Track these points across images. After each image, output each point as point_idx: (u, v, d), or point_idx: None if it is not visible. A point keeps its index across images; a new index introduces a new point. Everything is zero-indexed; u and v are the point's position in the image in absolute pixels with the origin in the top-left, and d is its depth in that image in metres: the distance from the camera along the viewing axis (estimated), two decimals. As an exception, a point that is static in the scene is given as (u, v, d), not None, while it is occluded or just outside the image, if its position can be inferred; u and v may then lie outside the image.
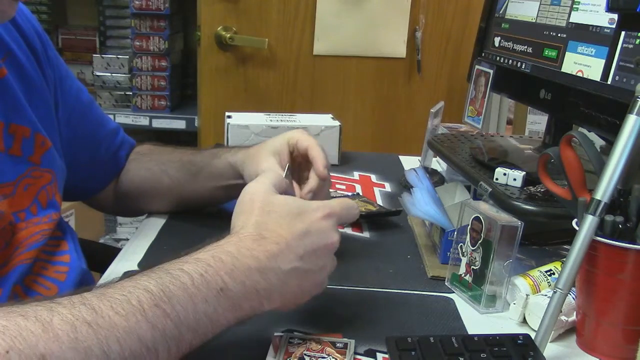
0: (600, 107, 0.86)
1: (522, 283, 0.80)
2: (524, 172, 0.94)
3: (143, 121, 2.32)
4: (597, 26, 0.91)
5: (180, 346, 0.58)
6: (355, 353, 0.69)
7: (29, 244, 0.82)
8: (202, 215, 1.03)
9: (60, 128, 0.94)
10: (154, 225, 1.01)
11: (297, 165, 0.91)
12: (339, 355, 0.67)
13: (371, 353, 0.69)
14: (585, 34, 0.93)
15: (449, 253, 0.87)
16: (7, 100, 0.82)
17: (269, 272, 0.64)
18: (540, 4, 1.05)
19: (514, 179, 0.94)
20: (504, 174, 0.95)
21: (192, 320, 0.58)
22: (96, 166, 1.03)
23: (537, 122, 1.87)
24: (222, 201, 1.04)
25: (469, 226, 0.81)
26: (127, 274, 0.83)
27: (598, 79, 0.88)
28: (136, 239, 0.96)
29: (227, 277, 0.61)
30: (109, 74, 2.36)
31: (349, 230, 1.03)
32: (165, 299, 0.57)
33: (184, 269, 0.60)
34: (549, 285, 0.80)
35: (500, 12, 1.16)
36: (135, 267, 0.86)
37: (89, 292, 0.56)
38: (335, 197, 1.11)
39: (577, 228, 0.70)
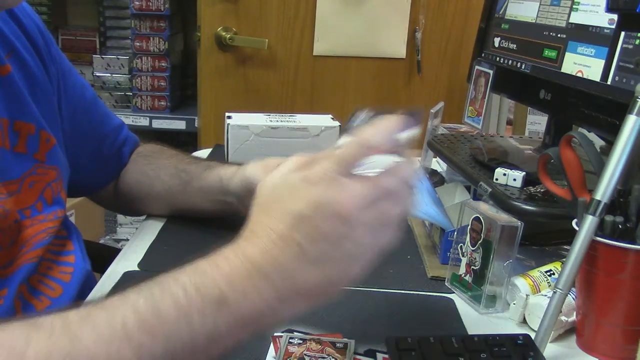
0: (600, 107, 0.86)
1: (522, 283, 0.80)
2: (524, 173, 0.94)
3: (143, 122, 2.32)
4: (597, 26, 0.91)
5: None
6: (355, 353, 0.69)
7: (35, 242, 0.82)
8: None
9: (63, 124, 0.94)
10: (154, 226, 1.01)
11: None
12: (339, 355, 0.67)
13: (371, 353, 0.69)
14: (585, 34, 0.93)
15: (449, 253, 0.87)
16: (12, 97, 0.82)
17: (270, 272, 0.53)
18: (540, 4, 1.05)
19: (514, 179, 0.94)
20: (504, 174, 0.95)
21: (187, 339, 0.51)
22: (99, 163, 1.03)
23: (537, 122, 1.87)
24: (213, 215, 0.98)
25: (469, 226, 0.81)
26: (127, 275, 0.84)
27: (598, 79, 0.88)
28: (136, 239, 0.96)
29: (226, 286, 0.52)
30: (109, 75, 2.36)
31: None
32: (153, 320, 0.50)
33: (178, 280, 0.52)
34: (549, 286, 0.80)
35: (500, 12, 1.16)
36: (135, 267, 0.86)
37: (74, 311, 0.51)
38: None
39: (577, 228, 0.70)
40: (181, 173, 0.99)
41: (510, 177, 0.95)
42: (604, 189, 0.68)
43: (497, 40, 1.16)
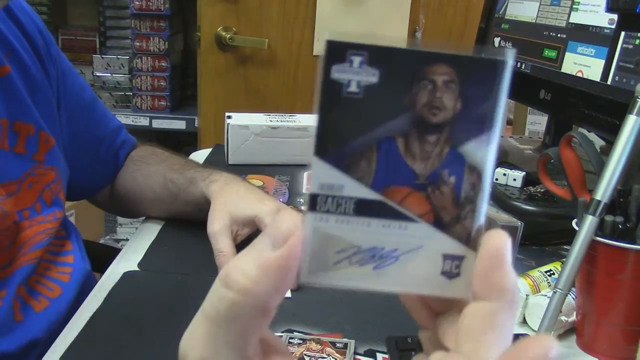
0: (600, 107, 0.86)
1: (522, 283, 0.80)
2: (524, 172, 0.94)
3: (143, 121, 2.32)
4: (597, 26, 0.91)
5: None
6: (355, 353, 0.69)
7: (34, 243, 0.82)
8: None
9: (62, 125, 0.93)
10: (154, 226, 1.00)
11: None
12: (339, 355, 0.67)
13: (371, 353, 0.69)
14: (585, 34, 0.93)
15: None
16: (11, 97, 0.82)
17: None
18: (540, 4, 1.05)
19: (514, 179, 0.94)
20: (504, 174, 0.95)
21: None
22: (96, 165, 1.03)
23: (537, 122, 1.87)
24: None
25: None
26: (127, 275, 0.84)
27: (598, 79, 0.88)
28: (136, 239, 0.96)
29: None
30: (109, 75, 2.36)
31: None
32: None
33: None
34: (549, 286, 0.80)
35: (500, 12, 1.16)
36: (136, 268, 0.86)
37: None
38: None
39: (577, 228, 0.70)
40: (169, 184, 0.96)
41: (510, 177, 0.95)
42: (604, 189, 0.68)
43: (497, 40, 1.16)
